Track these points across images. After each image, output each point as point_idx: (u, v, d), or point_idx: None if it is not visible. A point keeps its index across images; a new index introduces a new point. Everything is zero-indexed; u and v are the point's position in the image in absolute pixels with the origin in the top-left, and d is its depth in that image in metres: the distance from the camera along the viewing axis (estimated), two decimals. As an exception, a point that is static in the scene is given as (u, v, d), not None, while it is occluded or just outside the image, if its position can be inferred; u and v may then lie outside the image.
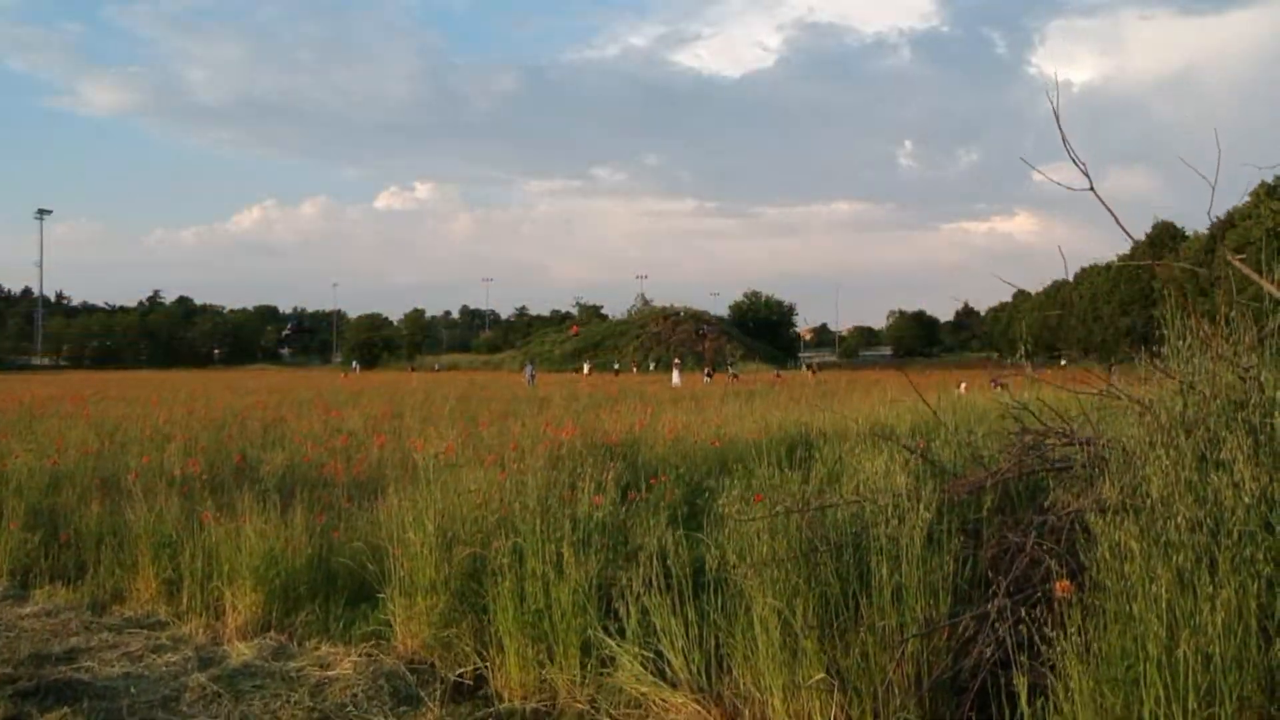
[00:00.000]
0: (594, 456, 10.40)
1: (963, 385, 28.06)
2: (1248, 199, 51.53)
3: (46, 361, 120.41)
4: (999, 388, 27.83)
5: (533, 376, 38.42)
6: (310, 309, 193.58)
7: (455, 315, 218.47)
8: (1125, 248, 75.30)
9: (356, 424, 15.21)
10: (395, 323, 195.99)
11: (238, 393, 32.04)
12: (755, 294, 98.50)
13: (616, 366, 61.39)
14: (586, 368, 60.19)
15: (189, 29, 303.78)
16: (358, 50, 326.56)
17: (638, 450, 10.69)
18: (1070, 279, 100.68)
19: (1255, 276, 4.16)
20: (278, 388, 36.91)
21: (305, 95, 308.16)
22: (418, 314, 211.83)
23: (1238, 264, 4.21)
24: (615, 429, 13.05)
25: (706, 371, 42.99)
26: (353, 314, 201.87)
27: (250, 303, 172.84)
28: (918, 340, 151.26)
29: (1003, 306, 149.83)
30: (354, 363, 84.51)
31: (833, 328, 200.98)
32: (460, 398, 26.37)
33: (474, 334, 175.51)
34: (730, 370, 43.22)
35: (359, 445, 11.96)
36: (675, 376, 38.84)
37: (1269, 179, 50.87)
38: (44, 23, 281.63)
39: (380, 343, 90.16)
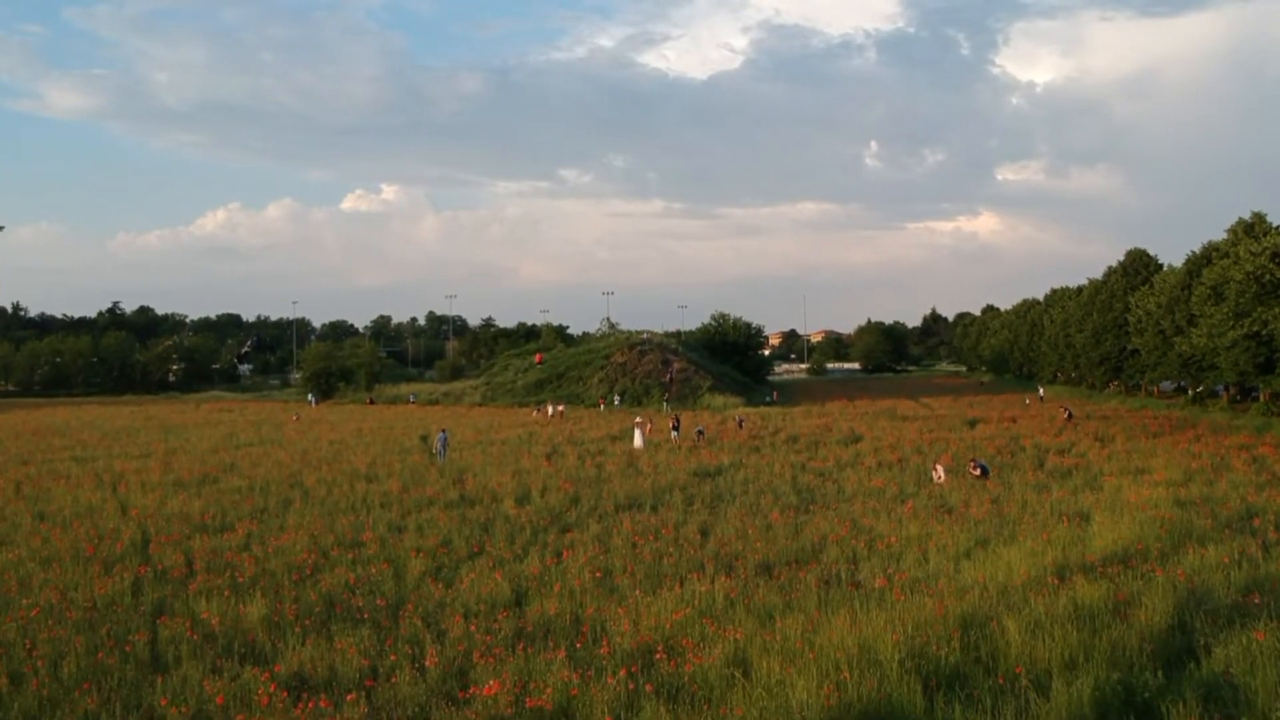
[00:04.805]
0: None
1: (939, 471, 25.90)
2: (1225, 234, 50.11)
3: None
4: (979, 472, 25.90)
5: (444, 446, 32.49)
6: (274, 317, 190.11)
7: (422, 322, 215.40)
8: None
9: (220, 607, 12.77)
10: (361, 329, 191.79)
11: (155, 482, 28.14)
12: (724, 316, 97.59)
13: (561, 409, 58.69)
14: (550, 409, 57.79)
15: (152, 31, 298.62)
16: (322, 52, 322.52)
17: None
18: (1039, 298, 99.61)
19: None
20: (208, 454, 33.52)
21: (270, 97, 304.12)
22: (381, 322, 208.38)
23: None
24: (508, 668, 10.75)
25: (673, 424, 40.96)
26: (317, 319, 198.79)
27: (214, 310, 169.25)
28: (886, 354, 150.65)
29: (972, 320, 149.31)
30: (310, 395, 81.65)
31: (801, 332, 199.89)
32: (383, 500, 23.29)
33: (441, 341, 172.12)
34: (697, 430, 41.27)
35: (199, 649, 9.66)
36: (637, 438, 36.65)
37: (1246, 216, 49.47)
38: (2, 25, 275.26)
39: (337, 372, 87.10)
